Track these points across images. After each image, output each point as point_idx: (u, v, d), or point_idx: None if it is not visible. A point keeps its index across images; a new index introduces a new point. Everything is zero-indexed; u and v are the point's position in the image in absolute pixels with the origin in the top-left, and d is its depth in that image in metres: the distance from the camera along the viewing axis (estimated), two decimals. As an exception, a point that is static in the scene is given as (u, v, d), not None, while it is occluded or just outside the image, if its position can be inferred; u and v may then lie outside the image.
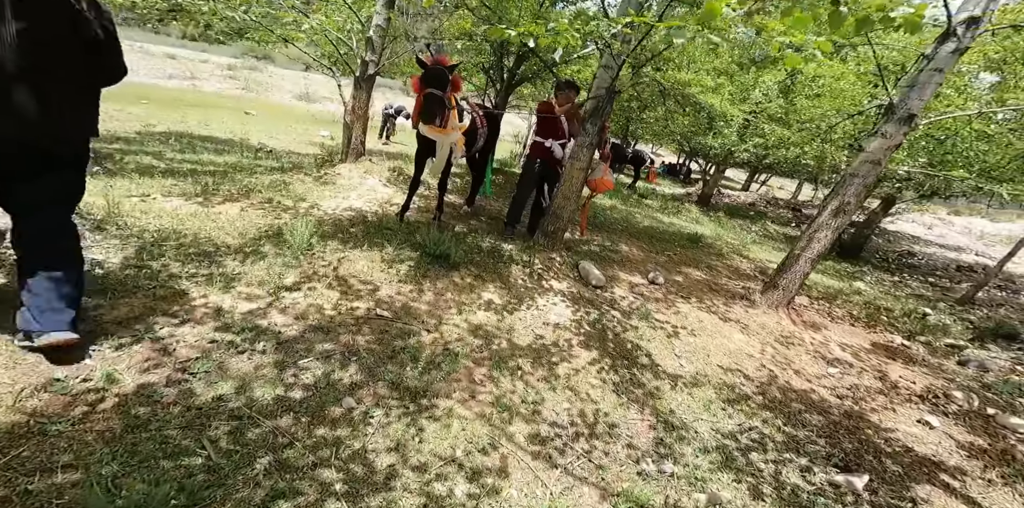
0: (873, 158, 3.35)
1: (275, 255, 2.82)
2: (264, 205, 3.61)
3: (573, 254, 4.19)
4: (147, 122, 6.64)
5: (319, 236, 3.17)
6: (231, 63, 20.41)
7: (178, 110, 8.84)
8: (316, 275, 2.75)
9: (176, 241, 2.71)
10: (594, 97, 3.44)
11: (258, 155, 5.62)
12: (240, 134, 7.12)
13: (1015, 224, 17.20)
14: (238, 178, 4.20)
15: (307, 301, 2.49)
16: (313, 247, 3.03)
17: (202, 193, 3.55)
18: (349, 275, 2.84)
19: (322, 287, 2.65)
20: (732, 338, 3.48)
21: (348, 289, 2.71)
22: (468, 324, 2.73)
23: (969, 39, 3.05)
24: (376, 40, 4.54)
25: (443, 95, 3.15)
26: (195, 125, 7.24)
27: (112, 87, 1.76)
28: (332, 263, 2.91)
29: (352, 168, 4.86)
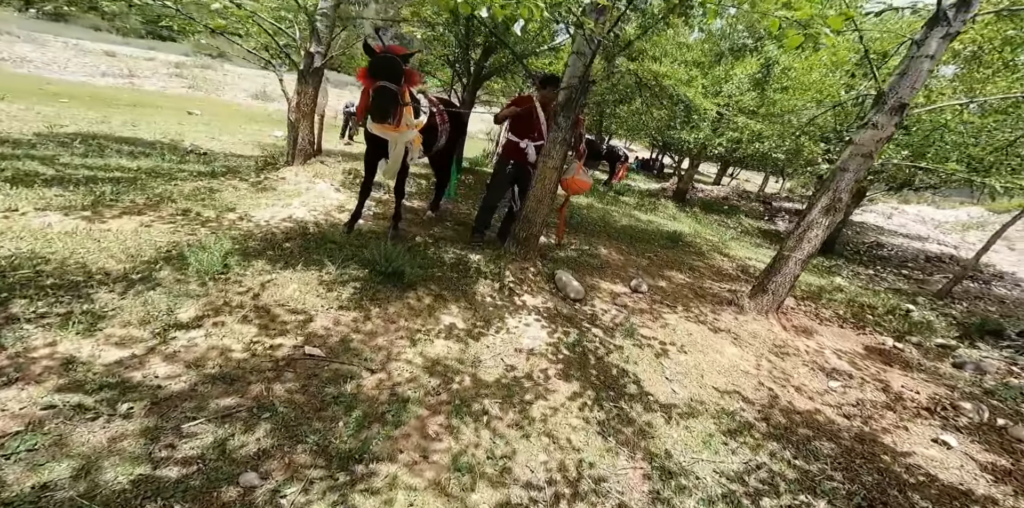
0: (864, 151, 3.08)
1: (173, 282, 2.29)
2: (176, 218, 3.03)
3: (549, 262, 3.78)
4: (55, 122, 5.79)
5: (240, 255, 2.64)
6: (180, 61, 19.02)
7: (103, 109, 7.90)
8: (227, 306, 2.23)
9: (32, 269, 2.13)
10: (566, 88, 3.03)
11: (185, 158, 4.91)
12: (173, 136, 6.34)
13: (959, 211, 18.07)
14: (150, 186, 3.57)
15: (208, 342, 1.98)
16: (229, 270, 2.50)
17: (92, 205, 2.94)
18: (273, 304, 2.33)
19: (233, 321, 2.13)
20: (725, 352, 3.16)
21: (270, 322, 2.21)
22: (423, 358, 2.28)
23: (960, 23, 2.80)
24: (322, 29, 4.01)
25: (397, 89, 2.68)
26: (118, 126, 6.39)
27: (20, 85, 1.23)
28: (252, 289, 2.39)
29: (299, 171, 4.30)
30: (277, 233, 3.09)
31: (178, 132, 6.73)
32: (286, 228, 3.20)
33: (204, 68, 18.27)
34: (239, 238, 2.92)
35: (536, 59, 6.68)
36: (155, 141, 5.73)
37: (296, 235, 3.10)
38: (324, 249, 2.97)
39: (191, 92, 15.06)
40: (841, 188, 3.14)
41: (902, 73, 2.92)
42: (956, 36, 2.81)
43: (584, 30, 2.56)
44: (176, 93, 14.27)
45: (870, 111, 3.05)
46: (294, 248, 2.90)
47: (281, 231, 3.13)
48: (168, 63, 18.50)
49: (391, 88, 2.65)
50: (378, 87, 2.64)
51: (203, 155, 5.36)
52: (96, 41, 19.94)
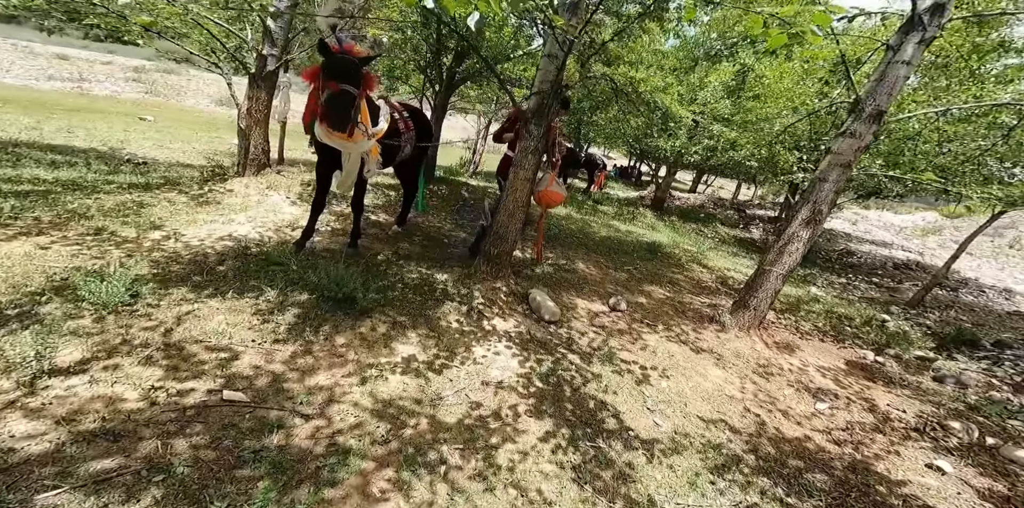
0: (843, 160, 2.98)
1: (60, 318, 1.94)
2: (84, 239, 2.65)
3: (522, 280, 3.54)
4: None
5: (156, 282, 2.30)
6: (140, 65, 18.07)
7: (40, 114, 7.29)
8: (126, 345, 1.90)
9: None
10: (537, 93, 2.82)
11: (118, 169, 4.45)
12: (114, 143, 5.82)
13: (915, 215, 18.95)
14: (64, 200, 3.16)
15: (93, 391, 1.65)
16: (139, 300, 2.15)
17: None
18: (190, 340, 2.00)
19: (132, 364, 1.81)
20: (708, 375, 2.97)
21: (182, 363, 1.88)
22: (373, 399, 1.99)
23: (935, 28, 2.75)
24: (276, 30, 3.70)
25: (356, 93, 2.41)
26: (50, 132, 5.83)
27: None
28: (164, 323, 2.06)
29: (250, 183, 3.95)
30: (210, 254, 2.74)
31: (121, 140, 6.20)
32: (223, 248, 2.86)
33: (166, 73, 17.42)
34: (160, 261, 2.56)
35: (512, 65, 6.49)
36: (89, 149, 5.23)
37: (233, 256, 2.76)
38: (265, 272, 2.65)
39: (147, 97, 14.31)
40: (821, 199, 3.03)
41: (878, 79, 2.84)
42: (932, 41, 2.75)
43: (555, 30, 2.36)
44: (130, 98, 13.52)
45: (847, 119, 2.96)
46: (228, 272, 2.57)
47: (216, 252, 2.79)
48: (127, 67, 17.62)
49: (351, 92, 2.38)
50: (337, 91, 2.35)
51: (140, 165, 4.89)
52: (48, 44, 18.87)
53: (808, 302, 5.31)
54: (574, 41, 2.43)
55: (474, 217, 5.33)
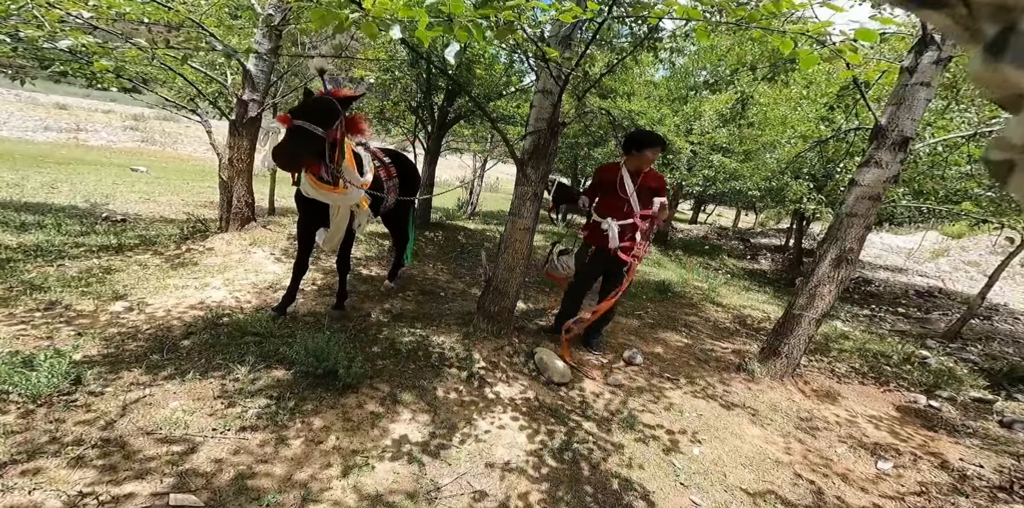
0: (871, 193, 2.77)
1: None
2: (31, 316, 2.40)
3: (526, 336, 3.23)
4: None
5: (104, 365, 2.02)
6: (139, 113, 18.14)
7: (28, 169, 7.26)
8: (55, 443, 1.60)
9: None
10: (533, 133, 2.67)
11: (92, 228, 4.25)
12: (98, 198, 5.68)
13: (916, 236, 18.75)
14: (22, 270, 2.94)
15: (5, 501, 1.36)
16: (79, 388, 1.87)
17: None
18: (136, 432, 1.70)
19: (59, 465, 1.51)
20: (745, 435, 2.59)
21: (123, 461, 1.58)
22: (357, 494, 1.65)
23: (950, 46, 2.63)
24: (257, 74, 3.65)
25: (321, 133, 2.14)
26: (33, 189, 5.71)
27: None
28: (107, 415, 1.76)
29: (232, 239, 3.75)
30: (175, 327, 2.47)
31: (107, 194, 6.07)
32: (191, 318, 2.59)
33: (164, 120, 17.70)
34: (114, 339, 2.29)
35: (505, 102, 6.50)
36: (68, 207, 5.07)
37: (202, 328, 2.49)
38: (237, 346, 2.36)
39: (143, 146, 14.47)
40: (851, 236, 2.79)
41: (898, 103, 2.68)
42: (949, 61, 2.61)
43: (549, 63, 2.24)
44: (125, 147, 13.62)
45: (869, 147, 2.79)
46: (194, 347, 2.29)
47: (183, 323, 2.52)
48: (126, 116, 18.03)
49: (307, 129, 2.09)
50: (292, 126, 2.09)
51: (118, 223, 4.71)
52: (51, 93, 19.49)
53: (837, 339, 4.93)
54: (570, 75, 2.31)
55: (472, 265, 5.10)
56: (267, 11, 3.64)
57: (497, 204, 11.20)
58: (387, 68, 5.54)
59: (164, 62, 3.28)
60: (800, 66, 1.33)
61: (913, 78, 2.58)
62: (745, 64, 7.62)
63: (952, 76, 3.56)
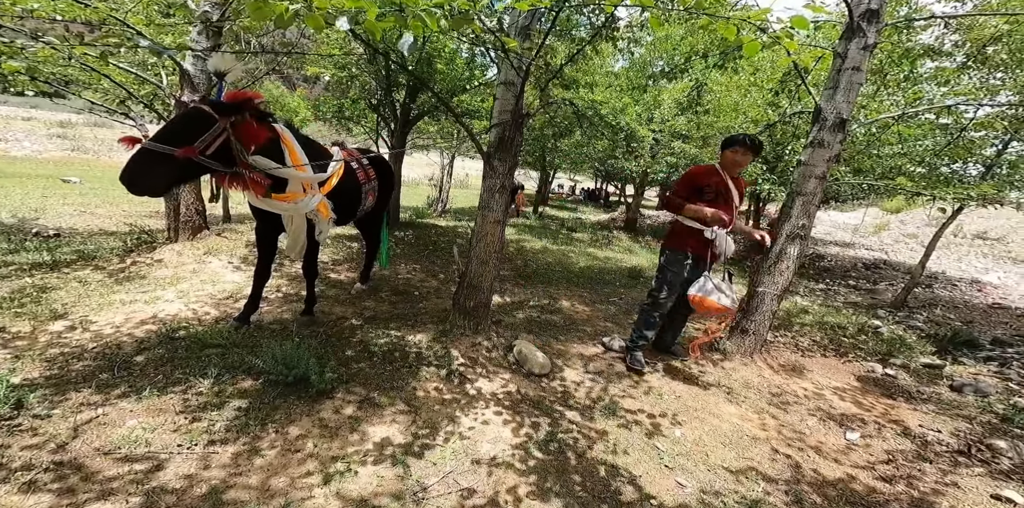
0: (816, 172, 2.91)
1: None
2: None
3: (504, 329, 3.21)
4: None
5: (49, 387, 1.86)
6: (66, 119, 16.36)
7: None
8: (2, 469, 1.46)
9: None
10: (497, 125, 2.64)
11: (22, 245, 3.89)
12: (26, 213, 5.21)
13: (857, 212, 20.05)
14: None
15: None
16: (21, 412, 1.71)
17: None
18: (93, 453, 1.57)
19: (7, 492, 1.38)
20: (722, 414, 2.67)
21: (82, 482, 1.46)
22: (341, 500, 1.58)
23: (875, 34, 2.80)
24: (196, 74, 3.44)
25: (168, 151, 1.78)
26: None
27: None
28: (57, 437, 1.63)
29: (183, 250, 3.53)
30: (126, 343, 2.30)
31: (36, 208, 5.59)
32: (143, 334, 2.42)
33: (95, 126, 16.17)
34: (57, 360, 2.11)
35: (469, 97, 6.42)
36: (-9, 223, 4.65)
37: (156, 343, 2.32)
38: (198, 359, 2.22)
39: (74, 155, 13.34)
40: (800, 213, 2.92)
41: (834, 87, 2.84)
42: (875, 47, 2.78)
43: (509, 55, 2.21)
44: (53, 157, 12.52)
45: (812, 129, 2.93)
46: (148, 363, 2.13)
47: (134, 339, 2.34)
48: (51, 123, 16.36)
49: (149, 148, 1.77)
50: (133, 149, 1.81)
51: (51, 238, 4.34)
52: None
53: (798, 314, 5.18)
54: (531, 65, 2.29)
55: (445, 262, 5.03)
56: (203, 7, 3.43)
57: (468, 200, 11.11)
58: (343, 65, 5.35)
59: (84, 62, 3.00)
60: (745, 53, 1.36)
61: (845, 63, 2.74)
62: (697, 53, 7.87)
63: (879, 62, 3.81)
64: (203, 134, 1.89)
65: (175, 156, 1.79)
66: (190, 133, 1.86)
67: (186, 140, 1.84)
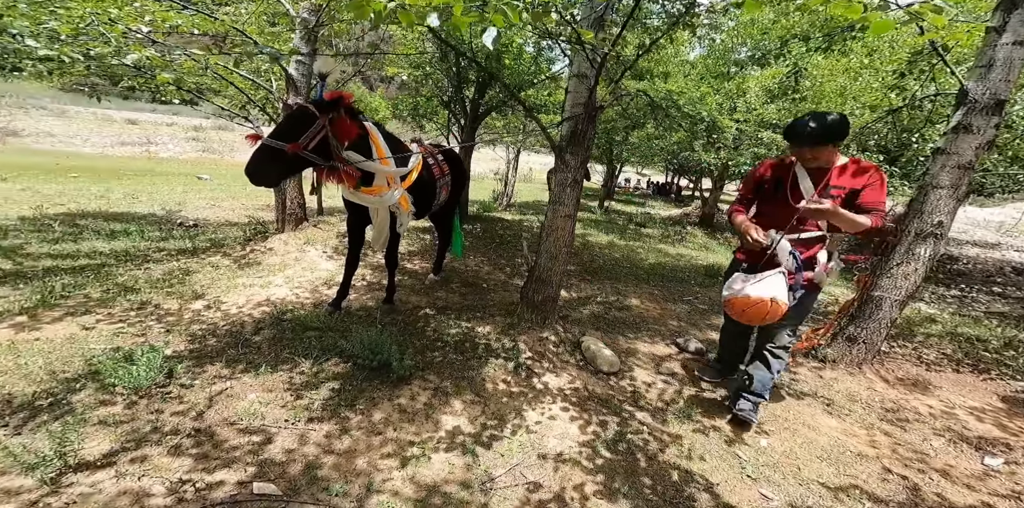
0: (960, 161, 2.45)
1: (92, 405, 1.83)
2: (128, 314, 2.64)
3: (571, 325, 3.17)
4: (52, 201, 5.71)
5: (191, 359, 2.19)
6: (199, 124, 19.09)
7: (110, 182, 8.03)
8: (156, 433, 1.74)
9: None
10: (570, 118, 2.59)
11: (170, 234, 4.64)
12: (172, 206, 6.23)
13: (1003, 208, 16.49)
14: (115, 274, 3.25)
15: (117, 487, 1.48)
16: (172, 380, 2.03)
17: (33, 308, 2.60)
18: (222, 423, 1.83)
19: (160, 454, 1.64)
20: (820, 427, 2.41)
21: (212, 450, 1.69)
22: (415, 486, 1.68)
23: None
24: (299, 78, 3.80)
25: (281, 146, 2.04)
26: (117, 200, 6.32)
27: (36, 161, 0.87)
28: (195, 406, 1.91)
29: (288, 239, 3.97)
30: (247, 323, 2.64)
31: (179, 201, 6.63)
32: (260, 315, 2.76)
33: (220, 130, 18.50)
34: (198, 335, 2.47)
35: (535, 92, 6.42)
36: (148, 214, 5.59)
37: (269, 324, 2.64)
38: (300, 340, 2.49)
39: (205, 155, 15.40)
40: (939, 210, 2.48)
41: (987, 65, 2.38)
42: None
43: (584, 47, 2.15)
44: (190, 158, 14.55)
45: (955, 112, 2.46)
46: (263, 342, 2.43)
47: (253, 320, 2.69)
48: (187, 127, 19.09)
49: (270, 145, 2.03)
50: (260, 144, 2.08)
51: (191, 228, 5.13)
52: (122, 109, 21.03)
53: (921, 323, 4.46)
54: (606, 57, 2.20)
55: (511, 256, 5.09)
56: (301, 14, 3.77)
57: (532, 194, 11.12)
58: (417, 64, 5.60)
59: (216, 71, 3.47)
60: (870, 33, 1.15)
61: (1003, 38, 2.28)
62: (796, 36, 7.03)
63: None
64: (307, 130, 2.11)
65: (286, 151, 2.03)
66: (297, 130, 2.10)
67: (294, 137, 2.08)
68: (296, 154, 2.06)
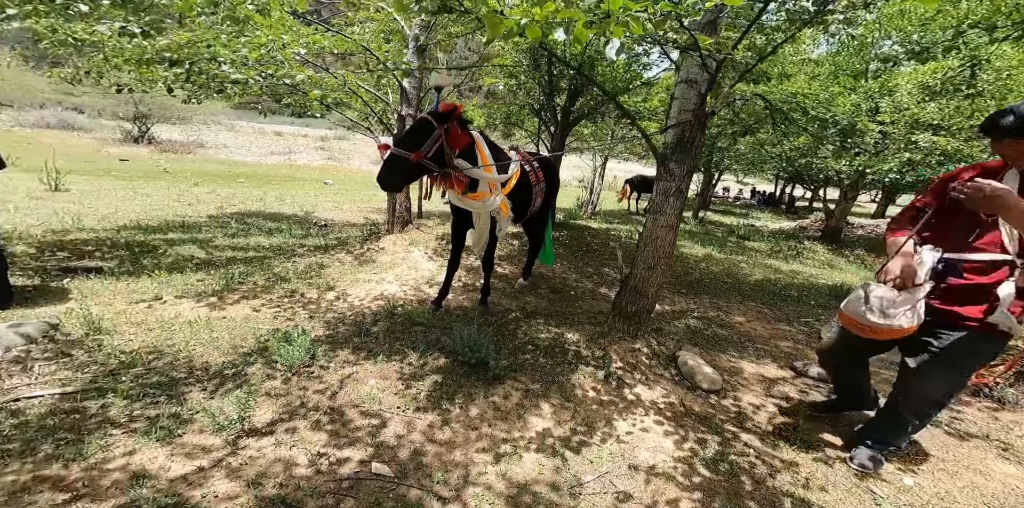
0: None
1: (261, 378, 2.21)
2: (282, 301, 3.13)
3: (665, 338, 3.06)
4: (228, 202, 7.07)
5: (327, 344, 2.53)
6: (324, 135, 22.19)
7: (264, 187, 9.59)
8: (304, 407, 2.05)
9: (145, 366, 2.22)
10: (676, 125, 2.51)
11: (308, 232, 5.45)
12: (307, 208, 7.30)
13: None
14: (272, 265, 3.87)
15: (276, 453, 1.76)
16: (315, 361, 2.38)
17: (221, 291, 3.19)
18: (349, 405, 2.10)
19: (306, 427, 1.92)
20: (990, 472, 2.05)
21: (342, 428, 1.95)
22: (507, 482, 1.77)
23: None
24: (410, 90, 4.18)
25: (407, 155, 2.26)
26: (272, 202, 7.58)
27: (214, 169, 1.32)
28: (332, 387, 2.21)
29: (397, 240, 4.40)
30: (367, 315, 2.99)
31: (312, 204, 7.74)
32: (376, 308, 3.11)
33: (340, 140, 21.21)
34: (332, 322, 2.85)
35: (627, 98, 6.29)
36: (291, 215, 6.64)
37: (384, 316, 2.96)
38: (409, 333, 2.76)
39: (329, 163, 17.59)
40: None
41: None
42: None
43: (700, 52, 2.07)
44: (318, 165, 16.77)
45: None
46: (380, 333, 2.74)
47: (371, 312, 3.03)
48: (316, 138, 22.07)
49: (398, 154, 2.26)
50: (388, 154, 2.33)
51: (323, 227, 5.97)
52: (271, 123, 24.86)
53: None
54: (723, 62, 2.09)
55: (598, 264, 5.04)
56: (413, 31, 4.15)
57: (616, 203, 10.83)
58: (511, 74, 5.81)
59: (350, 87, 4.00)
60: None
61: None
62: (976, 24, 5.88)
63: None
64: (427, 140, 2.33)
65: (410, 159, 2.26)
66: (419, 139, 2.33)
67: (417, 145, 2.30)
68: (418, 162, 2.29)
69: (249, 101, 5.18)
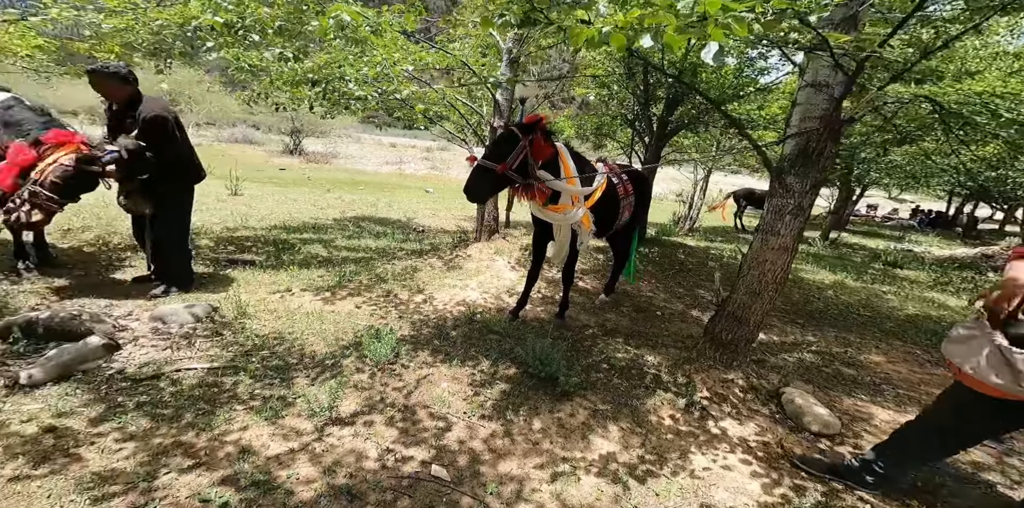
0: None
1: (352, 371, 2.43)
2: (379, 300, 3.43)
3: (767, 371, 2.69)
4: (350, 207, 8.04)
5: (411, 343, 2.71)
6: (429, 146, 24.17)
7: (378, 193, 10.71)
8: (383, 403, 2.20)
9: (271, 349, 2.58)
10: (797, 134, 2.21)
11: (408, 237, 5.86)
12: (409, 214, 7.98)
13: None
14: (375, 265, 4.26)
15: (352, 444, 1.90)
16: (398, 359, 2.55)
17: (333, 287, 3.59)
18: (420, 405, 2.21)
19: (381, 422, 2.07)
20: None
21: (411, 426, 2.05)
22: (560, 503, 1.70)
23: None
24: (502, 102, 4.33)
25: (493, 166, 2.34)
26: (382, 207, 8.42)
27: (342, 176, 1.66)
28: (409, 385, 2.35)
29: (483, 248, 4.57)
30: (448, 319, 3.13)
31: (414, 210, 8.42)
32: (457, 313, 3.24)
33: (442, 150, 22.76)
34: (417, 323, 3.03)
35: (736, 105, 5.70)
36: (396, 220, 7.30)
37: (463, 322, 3.08)
38: (485, 340, 2.83)
39: (432, 172, 18.99)
40: None
41: None
42: None
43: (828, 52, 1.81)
44: (422, 174, 18.19)
45: None
46: (458, 338, 2.85)
47: (452, 316, 3.17)
48: (422, 149, 24.08)
49: (483, 166, 2.35)
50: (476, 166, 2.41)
51: (420, 233, 6.45)
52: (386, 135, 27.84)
53: None
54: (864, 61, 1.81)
55: (692, 285, 4.63)
56: (507, 45, 4.31)
57: (719, 220, 9.80)
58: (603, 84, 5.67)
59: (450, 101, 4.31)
60: None
61: None
62: None
63: None
64: (512, 151, 2.39)
65: (496, 171, 2.35)
66: (504, 151, 2.40)
67: (502, 157, 2.38)
68: (503, 173, 2.37)
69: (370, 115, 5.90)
